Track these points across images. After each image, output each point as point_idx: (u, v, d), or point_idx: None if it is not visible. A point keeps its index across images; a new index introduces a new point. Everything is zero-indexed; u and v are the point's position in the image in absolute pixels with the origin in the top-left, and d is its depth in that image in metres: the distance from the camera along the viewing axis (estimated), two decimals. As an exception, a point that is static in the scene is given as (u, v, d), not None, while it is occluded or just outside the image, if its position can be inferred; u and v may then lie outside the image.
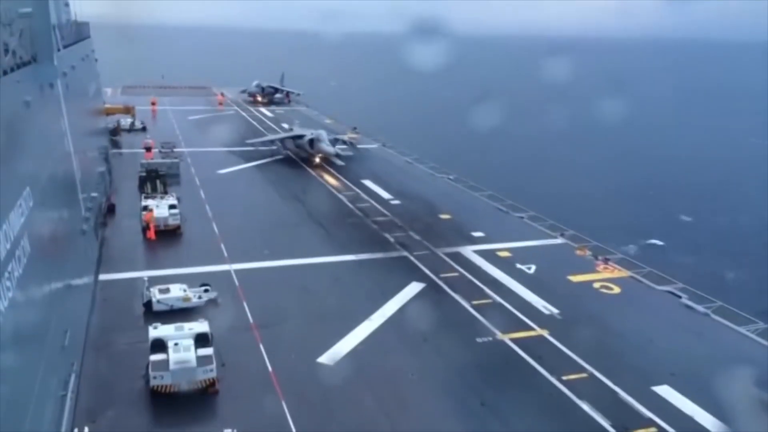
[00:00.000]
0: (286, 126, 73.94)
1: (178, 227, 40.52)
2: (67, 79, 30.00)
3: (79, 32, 45.95)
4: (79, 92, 38.90)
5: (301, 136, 62.57)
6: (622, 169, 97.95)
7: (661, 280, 35.91)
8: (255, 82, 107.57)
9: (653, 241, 63.02)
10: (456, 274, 35.12)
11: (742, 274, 54.07)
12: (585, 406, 23.51)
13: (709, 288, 35.44)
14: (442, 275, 34.77)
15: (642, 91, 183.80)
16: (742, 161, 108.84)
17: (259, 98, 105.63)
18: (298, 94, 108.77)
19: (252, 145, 65.38)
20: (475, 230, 39.16)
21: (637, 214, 74.18)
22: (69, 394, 19.44)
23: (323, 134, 61.11)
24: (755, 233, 67.34)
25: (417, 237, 39.95)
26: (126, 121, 74.56)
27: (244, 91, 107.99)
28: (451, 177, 58.58)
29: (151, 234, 38.60)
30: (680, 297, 33.77)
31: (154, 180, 47.68)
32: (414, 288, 32.66)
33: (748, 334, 29.81)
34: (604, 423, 22.59)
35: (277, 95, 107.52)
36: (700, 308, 32.40)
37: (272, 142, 66.28)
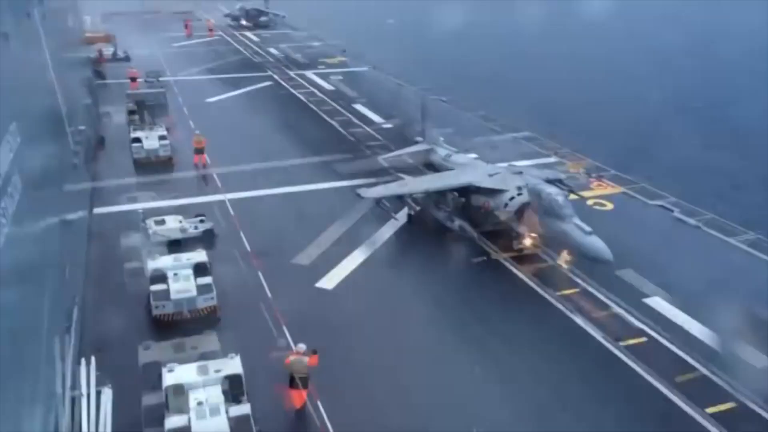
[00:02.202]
0: (420, 140, 39.27)
1: (170, 158, 40.23)
2: (44, 7, 28.84)
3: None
4: (57, 21, 37.53)
5: (486, 191, 29.55)
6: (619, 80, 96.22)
7: (654, 195, 36.22)
8: (238, 5, 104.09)
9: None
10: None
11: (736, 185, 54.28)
12: (578, 320, 24.19)
13: (702, 199, 35.81)
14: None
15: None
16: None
17: (244, 22, 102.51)
18: (283, 17, 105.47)
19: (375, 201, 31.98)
20: (468, 152, 38.91)
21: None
22: (73, 326, 19.84)
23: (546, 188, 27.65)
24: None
25: (411, 161, 39.74)
26: (108, 50, 72.48)
27: (227, 15, 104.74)
28: (444, 99, 57.76)
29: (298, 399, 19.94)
30: (672, 211, 34.15)
31: (141, 111, 46.89)
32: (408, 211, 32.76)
33: (738, 244, 30.35)
34: (596, 335, 23.31)
35: (262, 18, 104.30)
36: (691, 221, 32.82)
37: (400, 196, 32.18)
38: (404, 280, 27.25)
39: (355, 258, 28.40)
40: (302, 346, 19.47)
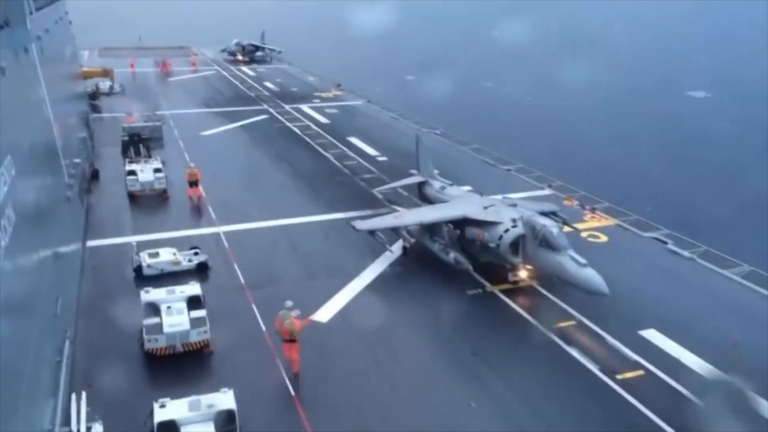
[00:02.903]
0: (414, 172, 38.74)
1: (165, 191, 40.29)
2: (42, 42, 29.20)
3: (50, -7, 44.48)
4: (55, 56, 37.94)
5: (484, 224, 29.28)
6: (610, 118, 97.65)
7: (648, 227, 36.38)
8: (235, 41, 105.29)
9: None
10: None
11: (729, 218, 54.73)
12: (574, 353, 24.02)
13: (696, 232, 35.96)
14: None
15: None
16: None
17: (240, 57, 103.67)
18: (280, 52, 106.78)
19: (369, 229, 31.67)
20: (464, 184, 39.12)
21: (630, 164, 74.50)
22: (64, 360, 19.57)
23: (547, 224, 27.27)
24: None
25: (405, 193, 39.92)
26: (105, 84, 73.11)
27: (224, 50, 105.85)
28: (437, 132, 58.34)
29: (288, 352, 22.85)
30: (666, 243, 34.25)
31: (137, 144, 47.09)
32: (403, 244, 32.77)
33: (732, 276, 30.39)
34: (593, 368, 23.13)
35: (258, 53, 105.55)
36: (685, 253, 32.90)
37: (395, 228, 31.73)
38: (399, 312, 27.06)
39: (350, 290, 28.26)
40: (289, 303, 22.16)
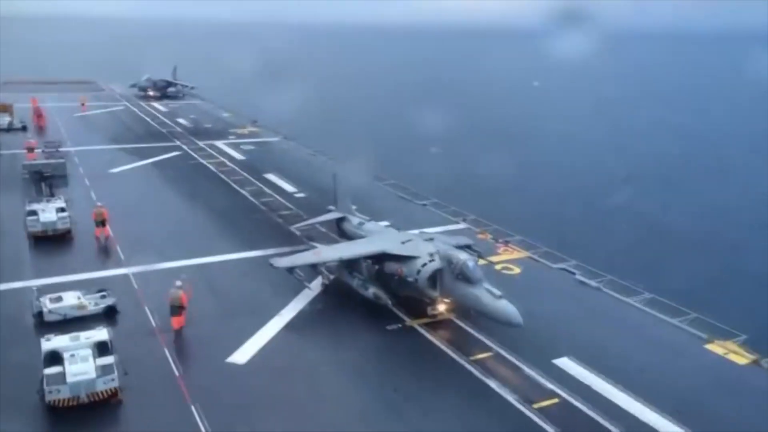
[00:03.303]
0: (332, 208, 39.00)
1: (68, 231, 38.23)
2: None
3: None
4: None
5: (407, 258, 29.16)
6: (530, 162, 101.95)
7: (557, 259, 37.94)
8: (145, 76, 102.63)
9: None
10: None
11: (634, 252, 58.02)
12: (492, 384, 24.45)
13: (602, 263, 37.79)
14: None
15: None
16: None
17: (151, 93, 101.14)
18: (192, 88, 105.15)
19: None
20: (381, 219, 39.52)
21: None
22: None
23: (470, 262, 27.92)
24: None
25: (323, 229, 39.82)
26: (3, 120, 69.31)
27: (134, 86, 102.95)
28: (354, 167, 58.74)
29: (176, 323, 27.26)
30: (574, 273, 35.82)
31: (38, 182, 44.65)
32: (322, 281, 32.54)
33: (635, 304, 32.10)
34: (510, 398, 23.59)
35: (171, 89, 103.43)
36: (592, 283, 34.52)
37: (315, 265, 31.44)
38: (320, 350, 26.69)
39: (270, 329, 27.66)
40: (179, 282, 25.20)
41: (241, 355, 25.50)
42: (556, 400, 23.53)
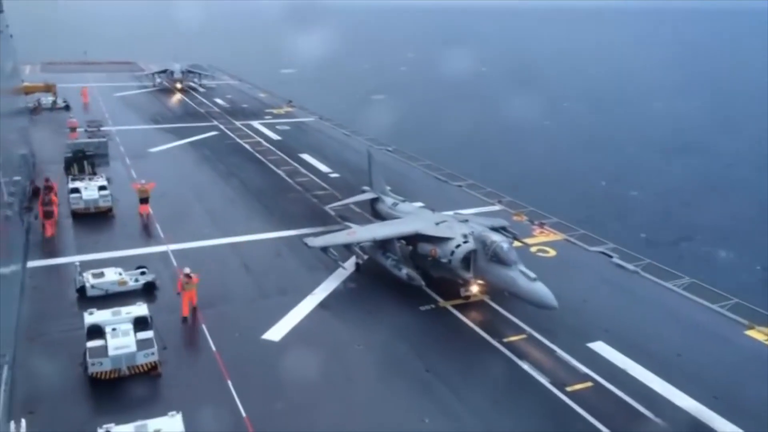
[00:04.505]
0: (367, 189, 38.70)
1: (110, 209, 39.19)
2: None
3: (-11, 6, 43.07)
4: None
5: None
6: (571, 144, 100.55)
7: (594, 242, 37.34)
8: (176, 66, 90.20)
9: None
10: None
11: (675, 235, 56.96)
12: (525, 366, 24.34)
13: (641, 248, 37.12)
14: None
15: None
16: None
17: (179, 85, 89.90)
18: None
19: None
20: (415, 200, 39.42)
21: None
22: (2, 387, 18.71)
23: None
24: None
25: (357, 209, 39.95)
26: (47, 99, 71.05)
27: (159, 74, 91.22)
28: (390, 149, 58.69)
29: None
30: (611, 257, 35.22)
31: (81, 161, 45.72)
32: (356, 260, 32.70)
33: (674, 288, 31.43)
34: (543, 380, 23.47)
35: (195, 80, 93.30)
36: (630, 266, 33.89)
37: None
38: (353, 329, 26.93)
39: (303, 308, 27.99)
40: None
41: (276, 333, 25.90)
42: (590, 384, 23.31)
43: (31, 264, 31.58)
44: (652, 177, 78.72)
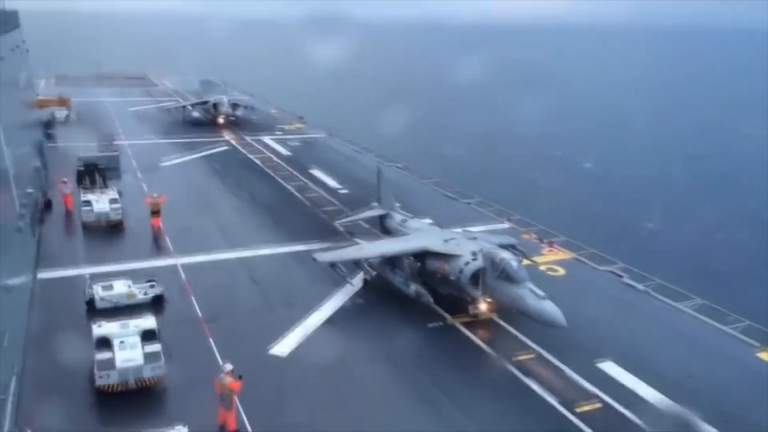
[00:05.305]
0: (375, 204, 39.11)
1: (121, 222, 39.44)
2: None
3: (7, 22, 43.82)
4: (9, 84, 37.21)
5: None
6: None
7: (603, 261, 37.13)
8: (223, 99, 74.65)
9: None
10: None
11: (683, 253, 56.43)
12: (533, 385, 24.13)
13: (650, 266, 36.79)
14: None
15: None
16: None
17: (221, 120, 73.96)
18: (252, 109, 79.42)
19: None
20: (424, 216, 39.43)
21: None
22: (10, 398, 18.74)
23: None
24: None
25: (366, 225, 39.98)
26: (61, 113, 71.84)
27: (196, 105, 76.50)
28: (399, 165, 58.84)
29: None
30: (621, 276, 34.98)
31: (92, 173, 46.10)
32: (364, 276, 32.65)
33: (685, 309, 31.15)
34: (552, 400, 23.25)
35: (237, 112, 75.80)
36: (639, 286, 33.64)
37: None
38: (360, 345, 26.83)
39: (311, 323, 27.95)
40: (229, 366, 21.06)
41: (283, 348, 25.85)
42: (598, 405, 23.07)
43: (41, 275, 31.76)
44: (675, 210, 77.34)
